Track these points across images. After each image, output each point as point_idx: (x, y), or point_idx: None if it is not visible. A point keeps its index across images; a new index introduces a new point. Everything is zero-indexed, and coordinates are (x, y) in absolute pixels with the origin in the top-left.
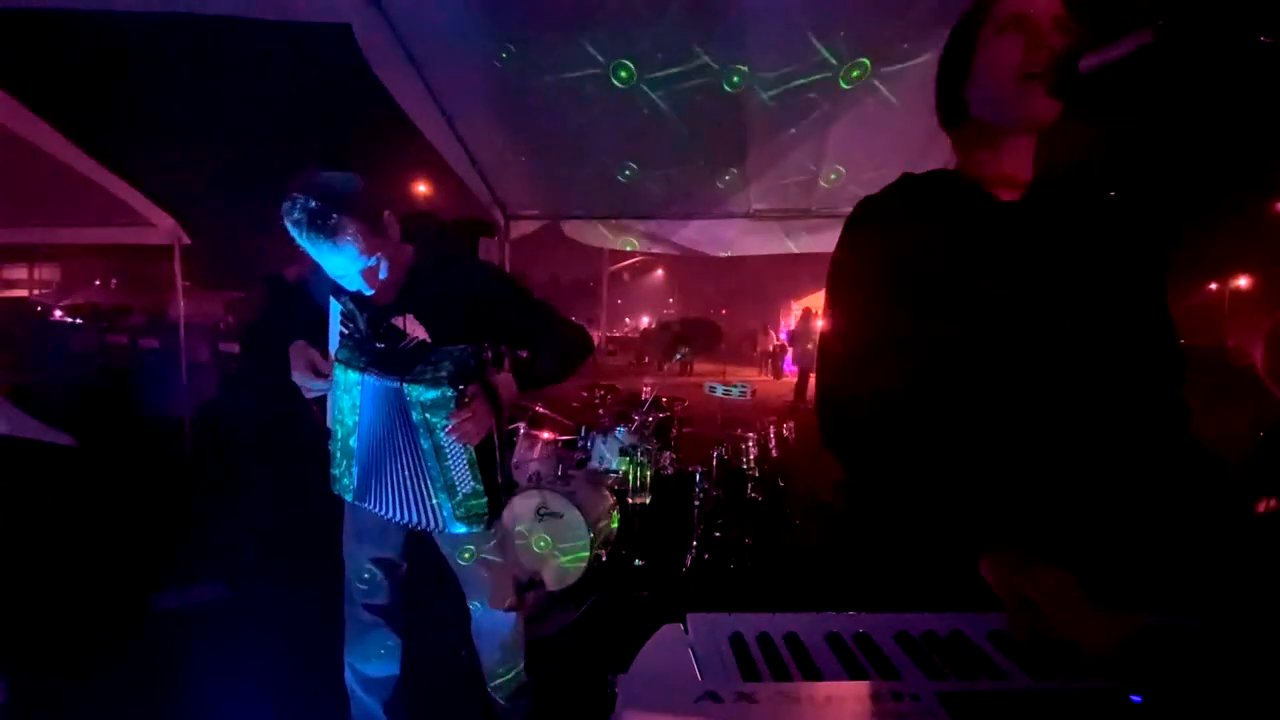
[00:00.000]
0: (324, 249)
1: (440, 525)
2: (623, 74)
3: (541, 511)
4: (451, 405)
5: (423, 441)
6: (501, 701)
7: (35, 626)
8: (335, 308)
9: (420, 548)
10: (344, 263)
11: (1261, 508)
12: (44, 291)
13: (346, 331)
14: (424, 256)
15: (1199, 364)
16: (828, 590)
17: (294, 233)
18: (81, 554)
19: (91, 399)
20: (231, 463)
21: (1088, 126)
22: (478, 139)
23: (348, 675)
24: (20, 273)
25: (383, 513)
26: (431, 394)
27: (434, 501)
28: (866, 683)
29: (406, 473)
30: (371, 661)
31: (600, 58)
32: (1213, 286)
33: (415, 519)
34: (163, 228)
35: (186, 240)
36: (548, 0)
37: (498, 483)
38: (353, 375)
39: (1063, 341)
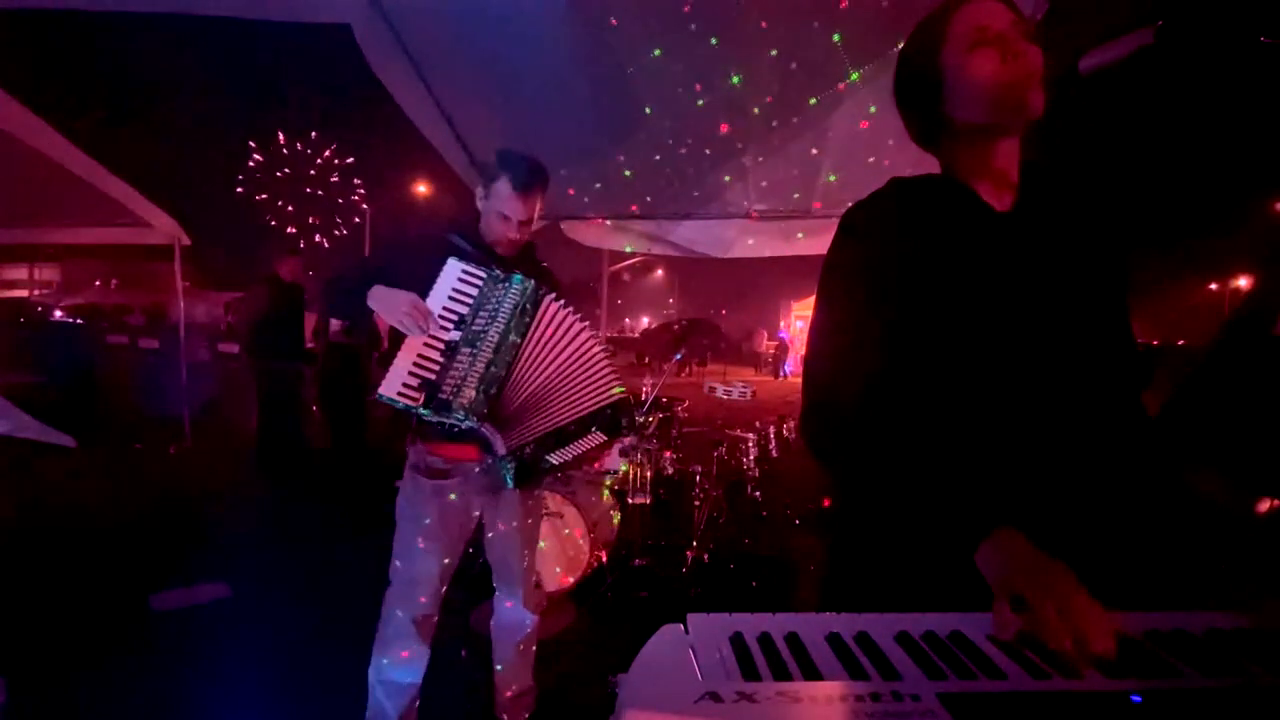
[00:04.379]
0: (525, 205)
1: (499, 459)
2: (622, 73)
3: (541, 511)
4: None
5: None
6: (504, 700)
7: (35, 626)
8: (451, 269)
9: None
10: (520, 223)
11: (1263, 508)
12: (44, 292)
13: (473, 283)
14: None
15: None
16: (827, 590)
17: (509, 184)
18: (81, 554)
19: (91, 399)
20: (231, 462)
21: (1083, 126)
22: (477, 139)
23: (371, 674)
24: (20, 273)
25: (495, 442)
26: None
27: (526, 448)
28: (867, 683)
29: (552, 419)
30: (401, 667)
31: (601, 58)
32: (1213, 286)
33: (510, 452)
34: (163, 228)
35: (186, 240)
36: (547, 1)
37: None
38: (528, 301)
39: (1041, 348)
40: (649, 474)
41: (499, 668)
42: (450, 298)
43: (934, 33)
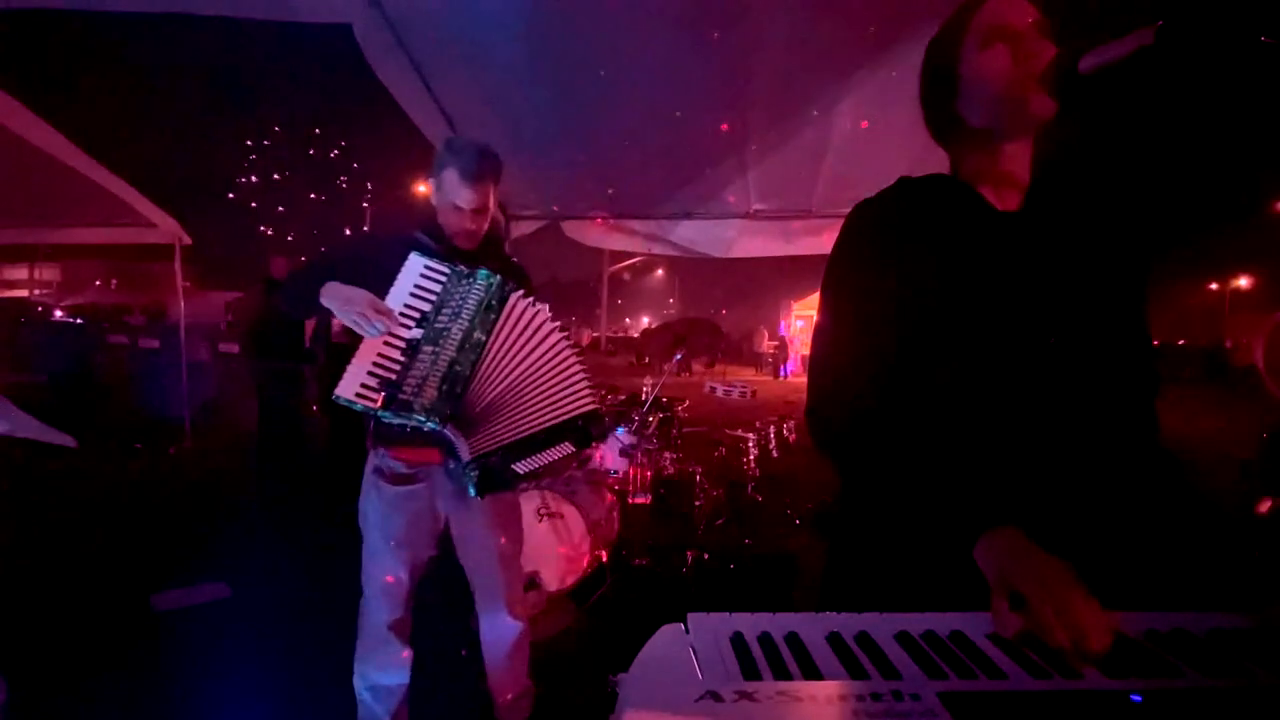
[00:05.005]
0: (477, 193)
1: (463, 466)
2: (623, 73)
3: (541, 512)
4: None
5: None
6: (502, 702)
7: (36, 626)
8: (413, 264)
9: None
10: (474, 211)
11: (1265, 507)
12: (44, 292)
13: (436, 279)
14: (491, 233)
15: (1199, 364)
16: (827, 590)
17: (457, 172)
18: (82, 554)
19: (91, 399)
20: (232, 462)
21: (1085, 128)
22: (477, 139)
23: (357, 681)
24: (20, 273)
25: (459, 446)
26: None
27: (491, 456)
28: (867, 682)
29: (519, 424)
30: (385, 672)
31: (602, 58)
32: (1213, 286)
33: (474, 458)
34: (163, 228)
35: (187, 240)
36: (548, 1)
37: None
38: (492, 299)
39: (1049, 352)
40: (649, 474)
41: (494, 674)
42: (412, 294)
43: (957, 26)
